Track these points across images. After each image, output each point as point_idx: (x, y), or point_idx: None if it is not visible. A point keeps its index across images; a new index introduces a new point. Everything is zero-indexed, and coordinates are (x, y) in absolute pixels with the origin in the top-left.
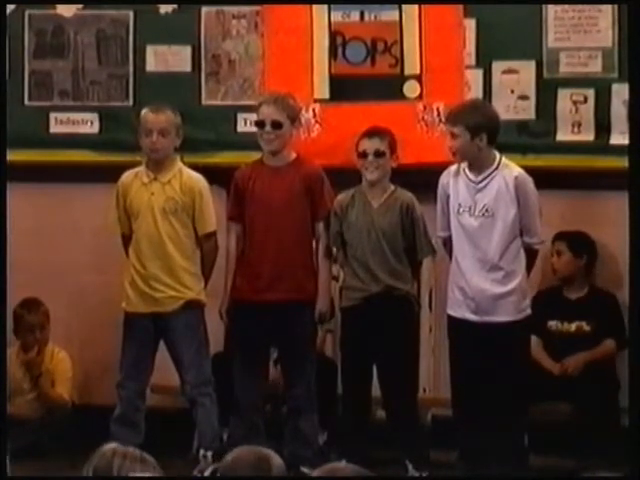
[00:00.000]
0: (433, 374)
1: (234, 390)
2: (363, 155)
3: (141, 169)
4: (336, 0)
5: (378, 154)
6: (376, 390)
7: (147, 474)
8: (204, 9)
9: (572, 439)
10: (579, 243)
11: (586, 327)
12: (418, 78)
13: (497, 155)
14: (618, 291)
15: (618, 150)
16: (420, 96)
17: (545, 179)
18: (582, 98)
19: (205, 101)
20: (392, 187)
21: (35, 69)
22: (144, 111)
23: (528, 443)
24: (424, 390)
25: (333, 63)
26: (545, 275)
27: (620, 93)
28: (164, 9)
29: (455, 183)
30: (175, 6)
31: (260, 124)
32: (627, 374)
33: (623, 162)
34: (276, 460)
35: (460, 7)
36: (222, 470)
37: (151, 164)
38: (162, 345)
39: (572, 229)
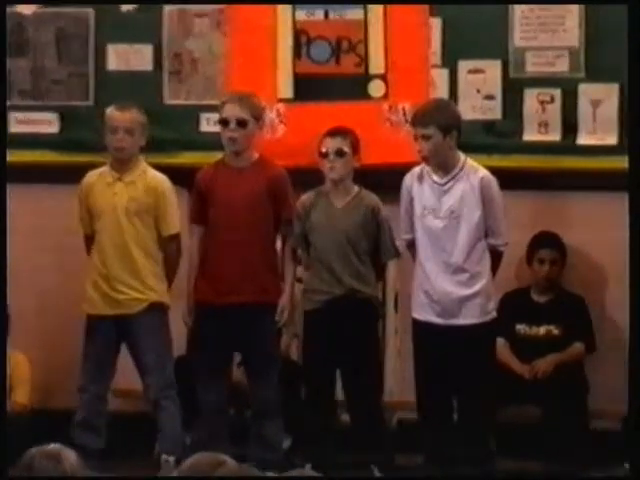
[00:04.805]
0: (399, 377)
1: (197, 394)
2: (325, 154)
3: (105, 169)
4: (300, 0)
5: (340, 153)
6: (341, 393)
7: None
8: (166, 7)
9: (540, 442)
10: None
11: (555, 331)
12: (383, 77)
13: (462, 156)
14: (586, 294)
15: (585, 150)
16: (385, 96)
17: (511, 180)
18: (549, 98)
19: (167, 100)
20: (356, 188)
21: None
22: (110, 109)
23: (496, 446)
24: (390, 393)
25: (297, 62)
26: (510, 277)
27: (587, 93)
28: (125, 7)
29: (419, 185)
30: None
31: (224, 122)
32: (596, 377)
33: (590, 162)
34: (233, 466)
35: (426, 6)
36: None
37: (115, 164)
38: (124, 348)
39: (537, 230)
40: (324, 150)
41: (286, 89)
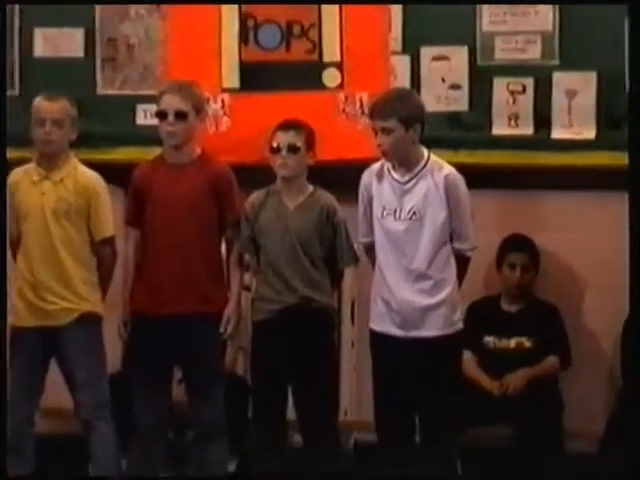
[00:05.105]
0: (355, 395)
1: (133, 413)
2: (276, 150)
3: (31, 166)
4: None
5: (293, 149)
6: (292, 412)
7: None
8: None
9: (511, 465)
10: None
11: (527, 343)
12: (338, 65)
13: (425, 152)
14: (560, 302)
15: (560, 145)
16: (341, 85)
17: (479, 177)
18: (520, 88)
19: (100, 90)
20: (310, 187)
21: None
22: (37, 99)
23: (462, 470)
24: (345, 412)
25: (243, 48)
26: (478, 284)
27: (562, 82)
28: None
29: (379, 184)
30: None
31: (162, 115)
32: (571, 394)
33: (565, 158)
34: None
35: None
36: None
37: (43, 160)
38: (54, 363)
39: (507, 233)
40: (275, 145)
41: (231, 78)
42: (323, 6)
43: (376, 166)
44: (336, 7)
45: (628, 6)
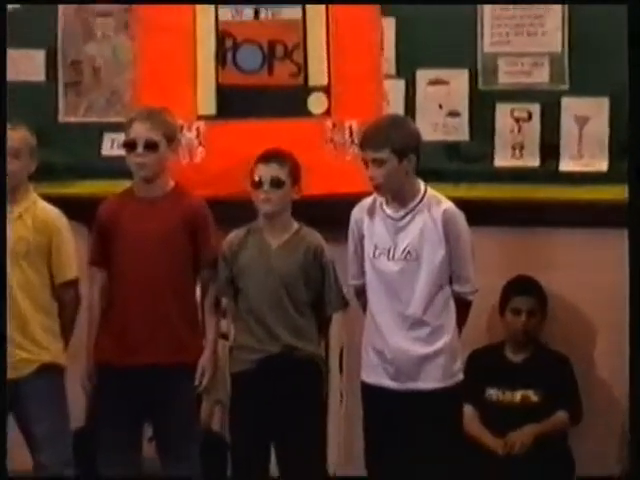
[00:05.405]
0: (344, 451)
1: (99, 474)
2: (258, 184)
3: None
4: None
5: (276, 183)
6: (276, 470)
7: None
8: (61, 5)
9: None
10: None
11: (533, 397)
12: (325, 90)
13: (422, 185)
14: (571, 351)
15: (569, 178)
16: (328, 112)
17: (481, 213)
18: (525, 114)
19: (63, 117)
20: (295, 225)
21: None
22: None
23: None
24: (334, 469)
25: (221, 71)
26: (480, 331)
27: (571, 108)
28: (11, 5)
29: (370, 220)
30: None
31: (130, 145)
32: (581, 449)
33: (575, 193)
34: None
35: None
36: None
37: None
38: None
39: (512, 275)
40: (257, 179)
41: (207, 104)
42: (308, 25)
43: (367, 201)
44: (323, 26)
45: (628, 6)
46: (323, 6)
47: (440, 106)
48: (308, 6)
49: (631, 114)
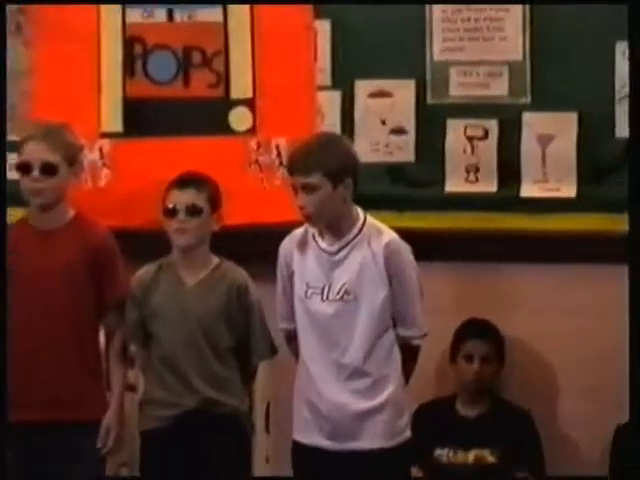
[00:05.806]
0: None
1: None
2: (172, 212)
3: None
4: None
5: (193, 211)
6: None
7: None
8: None
9: None
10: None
11: (489, 457)
12: (250, 103)
13: (360, 214)
14: (532, 404)
15: (531, 206)
16: (253, 129)
17: (430, 246)
18: (481, 132)
19: None
20: (215, 260)
21: None
22: None
23: None
24: None
25: (129, 81)
26: (429, 382)
27: (533, 125)
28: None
29: (301, 255)
30: None
31: (24, 168)
32: None
33: (538, 222)
34: None
35: (308, 5)
36: None
37: None
38: None
39: (465, 317)
40: (170, 206)
41: (113, 119)
42: (230, 28)
43: (298, 232)
44: (247, 30)
45: (628, 6)
46: (247, 7)
47: (383, 122)
48: (230, 7)
49: (631, 121)
